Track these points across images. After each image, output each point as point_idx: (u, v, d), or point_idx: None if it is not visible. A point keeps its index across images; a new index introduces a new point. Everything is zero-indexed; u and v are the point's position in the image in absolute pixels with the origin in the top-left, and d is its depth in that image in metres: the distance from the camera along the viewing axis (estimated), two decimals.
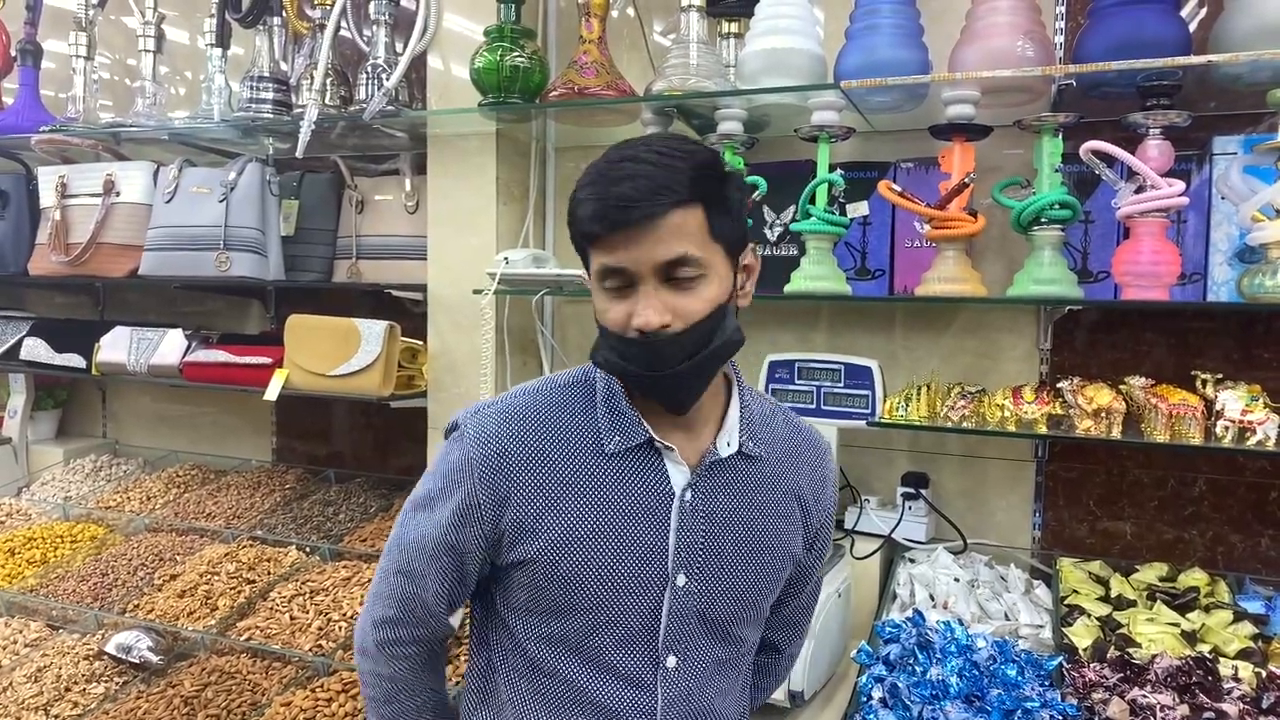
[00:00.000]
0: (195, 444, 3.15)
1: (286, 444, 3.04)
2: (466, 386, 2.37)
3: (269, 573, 2.22)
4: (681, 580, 1.09)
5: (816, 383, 2.03)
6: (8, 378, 3.16)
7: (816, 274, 1.92)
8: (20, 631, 2.07)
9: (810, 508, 1.21)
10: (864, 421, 1.94)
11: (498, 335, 2.27)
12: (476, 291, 2.21)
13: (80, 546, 2.46)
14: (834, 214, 1.92)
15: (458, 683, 1.68)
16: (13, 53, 2.95)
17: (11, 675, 1.89)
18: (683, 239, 0.99)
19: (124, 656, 1.89)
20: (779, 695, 1.60)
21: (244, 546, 2.31)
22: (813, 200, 1.91)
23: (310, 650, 1.90)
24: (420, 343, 2.45)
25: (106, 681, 1.87)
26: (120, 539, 2.52)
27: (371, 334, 2.31)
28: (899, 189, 1.87)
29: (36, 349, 2.79)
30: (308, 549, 2.34)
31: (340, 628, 1.97)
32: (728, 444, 1.13)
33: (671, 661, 1.10)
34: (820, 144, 1.92)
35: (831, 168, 1.92)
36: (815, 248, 1.94)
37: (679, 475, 1.10)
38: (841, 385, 2.01)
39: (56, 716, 1.77)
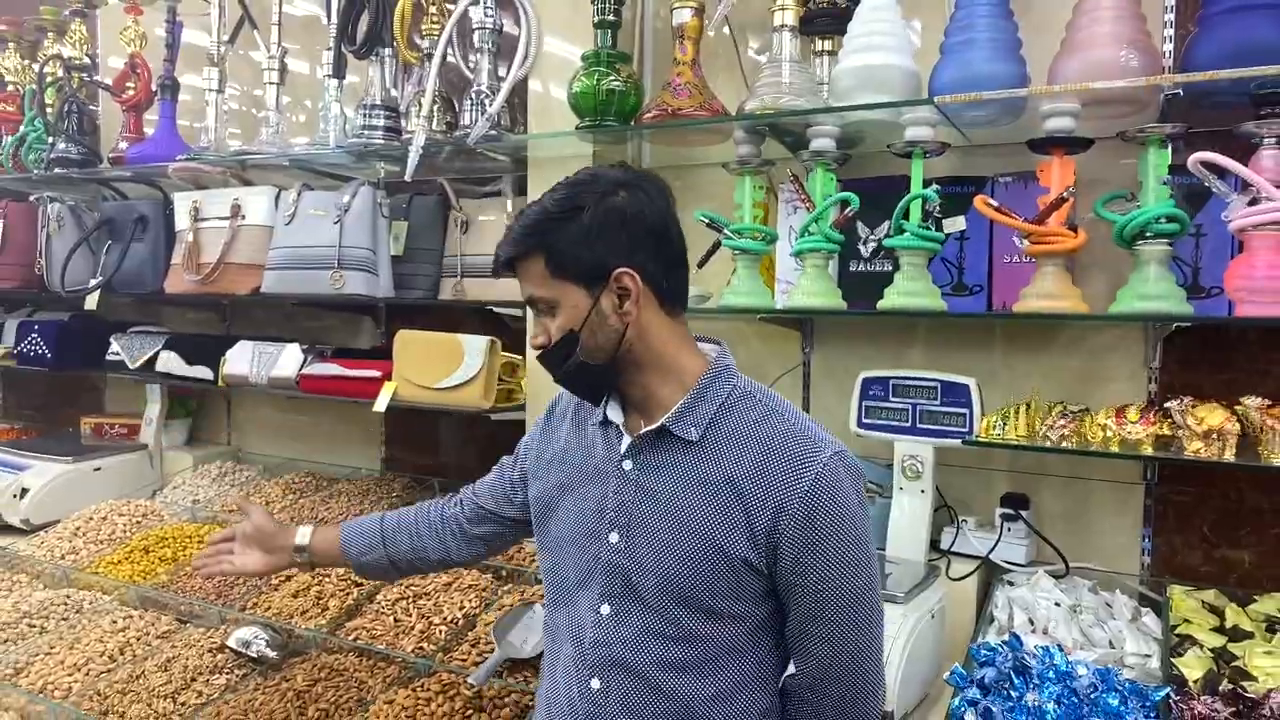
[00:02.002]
0: (311, 453, 3.32)
1: (395, 454, 3.17)
2: None
3: None
4: (614, 538, 1.27)
5: (912, 400, 2.01)
6: (145, 389, 3.41)
7: (910, 290, 1.91)
8: (153, 624, 2.23)
9: (754, 506, 1.19)
10: (960, 440, 1.91)
11: None
12: None
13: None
14: (929, 229, 1.90)
15: None
16: (154, 88, 3.20)
17: (144, 665, 2.04)
18: (529, 283, 1.25)
19: (243, 650, 2.02)
20: None
21: None
22: (906, 216, 1.90)
23: (413, 651, 1.99)
24: (520, 357, 2.53)
25: (228, 674, 1.99)
26: None
27: (474, 349, 2.40)
28: (996, 204, 1.84)
29: (170, 361, 3.00)
30: None
31: (441, 631, 2.06)
32: (658, 424, 1.27)
33: (606, 609, 1.27)
34: (914, 160, 1.91)
35: (927, 183, 1.91)
36: (909, 263, 1.93)
37: (625, 447, 1.30)
38: (938, 403, 1.98)
39: (184, 704, 1.90)
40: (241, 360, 2.83)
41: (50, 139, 3.34)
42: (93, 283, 3.15)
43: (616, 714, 1.25)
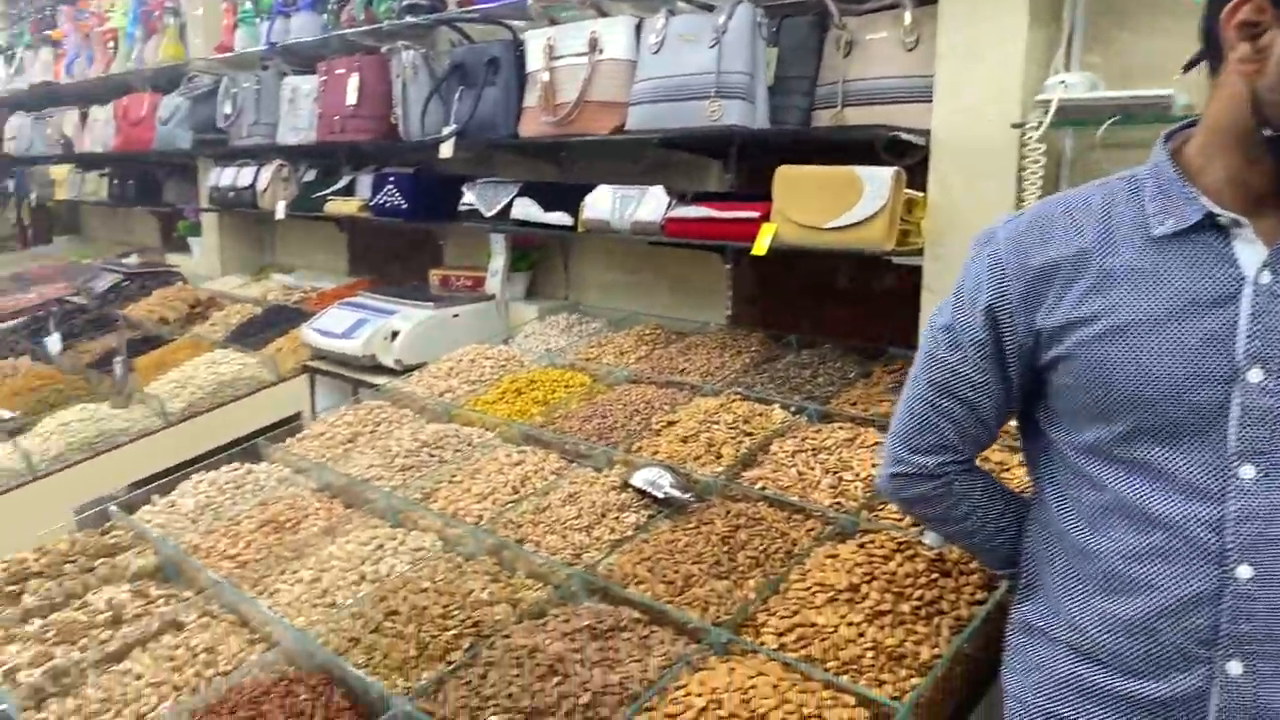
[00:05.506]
0: (649, 309, 3.23)
1: (742, 311, 3.00)
2: None
3: (762, 428, 2.17)
4: (1256, 376, 0.99)
5: None
6: (489, 240, 3.44)
7: None
8: (544, 461, 2.21)
9: None
10: None
11: (1027, 180, 1.96)
12: (1017, 126, 1.92)
13: (574, 392, 2.60)
14: None
15: None
16: None
17: (548, 498, 2.01)
18: None
19: (650, 491, 1.93)
20: None
21: (734, 401, 2.29)
22: None
23: (830, 507, 1.81)
24: (920, 194, 2.22)
25: (635, 513, 1.92)
26: (605, 388, 2.63)
27: (877, 180, 2.12)
28: None
29: (526, 208, 2.97)
30: (793, 409, 2.26)
31: (856, 488, 1.86)
32: None
33: (1248, 472, 0.99)
34: None
35: None
36: None
37: (1251, 255, 1.00)
38: None
39: (598, 539, 1.85)
40: (602, 204, 2.72)
41: None
42: (446, 130, 3.15)
43: None
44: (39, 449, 2.83)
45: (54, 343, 3.82)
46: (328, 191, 3.91)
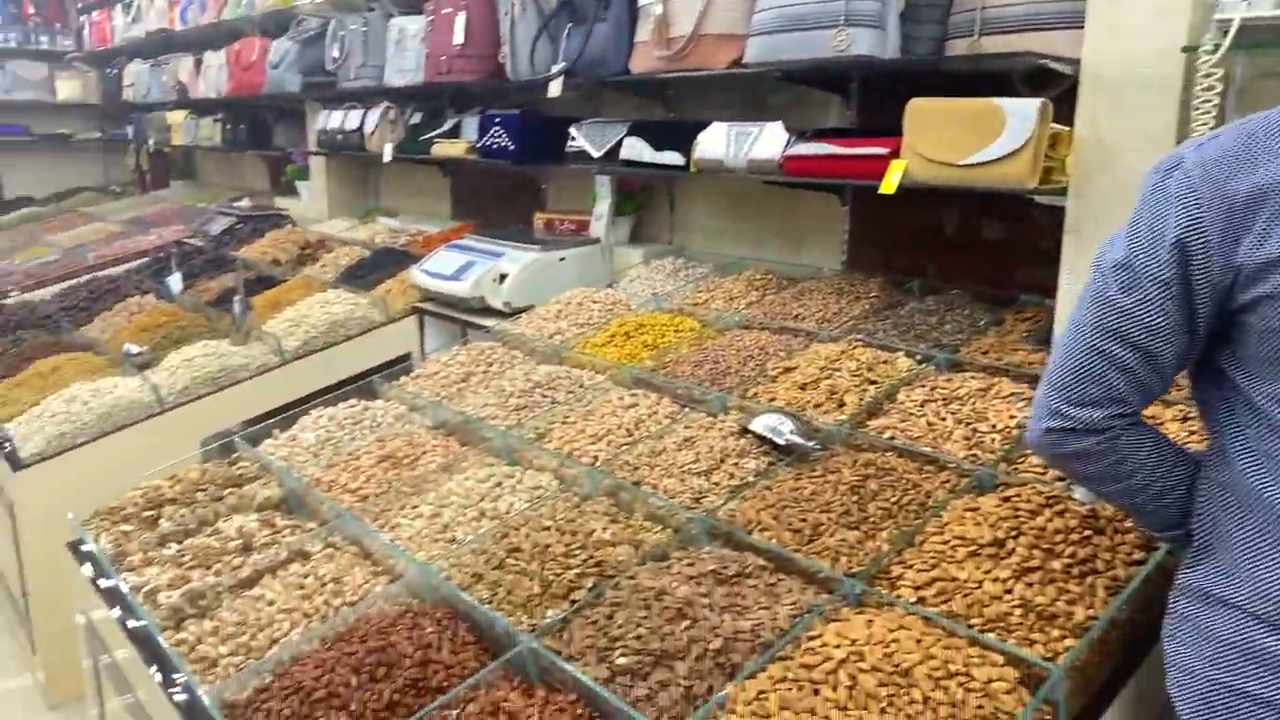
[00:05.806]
0: (758, 254, 3.13)
1: (860, 254, 2.88)
2: (1125, 182, 1.95)
3: (887, 376, 2.08)
4: None
5: None
6: (594, 182, 3.39)
7: None
8: (657, 404, 2.17)
9: None
10: None
11: (1199, 110, 1.79)
12: (1188, 49, 1.75)
13: (683, 336, 2.55)
14: None
15: None
16: None
17: (664, 442, 1.97)
18: None
19: (771, 436, 1.87)
20: None
21: (855, 348, 2.20)
22: None
23: (965, 459, 1.72)
24: (1066, 128, 2.06)
25: (755, 459, 1.86)
26: (715, 333, 2.57)
27: (1021, 114, 1.97)
28: None
29: (636, 148, 2.89)
30: (919, 357, 2.16)
31: (993, 440, 1.77)
32: None
33: None
34: None
35: None
36: None
37: None
38: None
39: (717, 483, 1.80)
40: (716, 142, 2.62)
41: None
42: (555, 69, 3.09)
43: None
44: (166, 383, 2.93)
45: (175, 282, 3.94)
46: (434, 134, 3.90)
